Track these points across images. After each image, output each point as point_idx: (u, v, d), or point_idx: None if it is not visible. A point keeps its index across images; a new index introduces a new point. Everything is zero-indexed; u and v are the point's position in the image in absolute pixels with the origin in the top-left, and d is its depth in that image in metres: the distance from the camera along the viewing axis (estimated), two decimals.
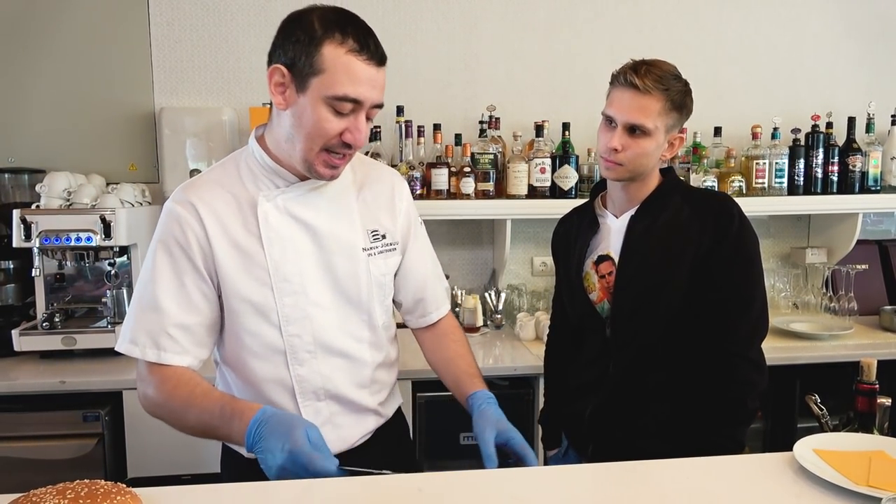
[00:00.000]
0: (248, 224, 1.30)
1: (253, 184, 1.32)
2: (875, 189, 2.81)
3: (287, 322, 1.31)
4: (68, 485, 1.00)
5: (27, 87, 2.69)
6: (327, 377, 1.36)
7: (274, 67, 1.22)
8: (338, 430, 1.39)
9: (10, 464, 2.07)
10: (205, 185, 1.33)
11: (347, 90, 1.19)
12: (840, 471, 1.12)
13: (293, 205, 1.32)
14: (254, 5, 2.75)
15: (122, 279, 2.46)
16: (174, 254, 1.28)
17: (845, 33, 3.05)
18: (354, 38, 1.20)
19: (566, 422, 1.76)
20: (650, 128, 1.50)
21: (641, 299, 1.55)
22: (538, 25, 2.89)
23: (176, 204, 1.30)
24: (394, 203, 1.45)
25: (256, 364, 1.34)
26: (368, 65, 1.21)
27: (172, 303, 1.28)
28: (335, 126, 1.22)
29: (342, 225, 1.36)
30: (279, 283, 1.30)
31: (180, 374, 1.29)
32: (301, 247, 1.32)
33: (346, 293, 1.37)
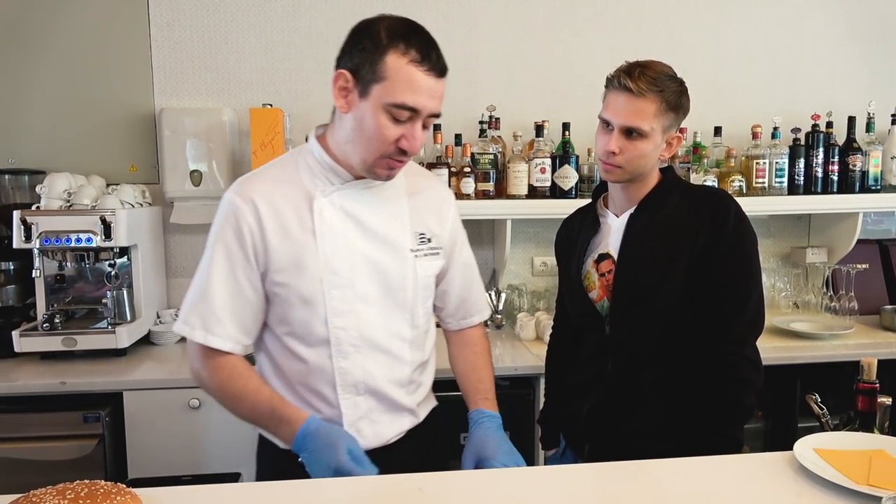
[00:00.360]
0: (303, 218, 1.35)
1: (310, 180, 1.38)
2: (875, 188, 2.81)
3: (334, 314, 1.36)
4: (68, 485, 1.00)
5: (27, 88, 2.69)
6: (368, 372, 1.40)
7: (339, 72, 1.28)
8: (374, 426, 1.43)
9: (11, 465, 2.07)
10: (264, 179, 1.39)
11: (406, 98, 1.24)
12: (840, 470, 1.12)
13: (348, 202, 1.37)
14: (253, 6, 2.75)
15: (123, 280, 2.46)
16: (229, 244, 1.34)
17: (845, 33, 3.05)
18: (417, 49, 1.25)
19: (563, 422, 1.76)
20: (646, 130, 1.50)
21: (640, 297, 1.56)
22: (538, 25, 2.89)
23: (235, 196, 1.36)
24: (441, 210, 1.51)
25: (301, 354, 1.39)
26: (428, 75, 1.26)
27: (223, 291, 1.35)
28: (392, 132, 1.27)
29: (392, 225, 1.42)
30: (328, 276, 1.35)
31: (233, 365, 1.37)
32: (352, 243, 1.37)
33: (393, 291, 1.41)
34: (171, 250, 2.79)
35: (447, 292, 1.56)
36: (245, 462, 2.17)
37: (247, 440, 2.14)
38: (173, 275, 2.80)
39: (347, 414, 1.39)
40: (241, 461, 2.17)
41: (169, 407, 2.16)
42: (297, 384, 1.41)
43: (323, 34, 2.78)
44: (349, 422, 1.39)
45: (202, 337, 1.35)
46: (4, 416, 2.10)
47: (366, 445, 1.38)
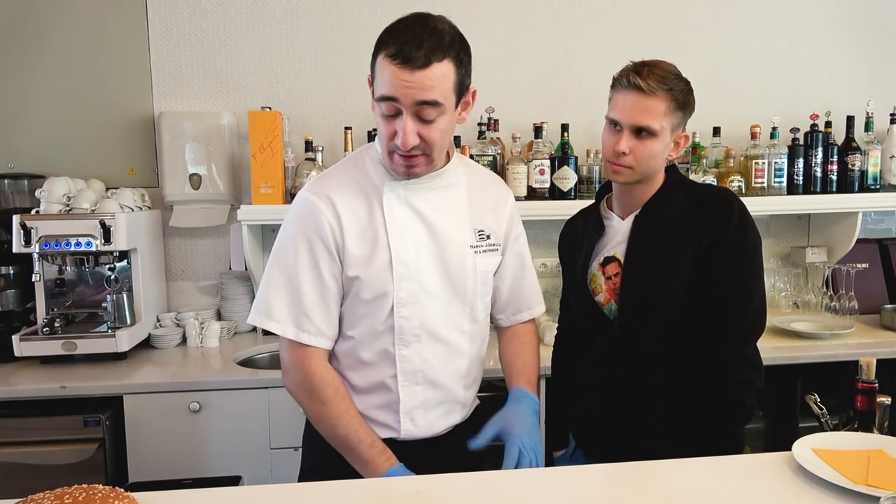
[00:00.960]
0: (374, 212, 1.41)
1: (377, 174, 1.44)
2: (875, 188, 2.81)
3: (400, 304, 1.40)
4: (66, 490, 1.00)
5: (27, 92, 2.70)
6: (428, 362, 1.45)
7: (369, 76, 1.36)
8: (427, 417, 1.47)
9: (12, 469, 2.07)
10: (337, 177, 1.45)
11: (382, 91, 1.29)
12: (839, 470, 1.12)
13: (413, 196, 1.42)
14: (252, 10, 2.75)
15: (123, 284, 2.47)
16: (312, 241, 1.39)
17: (844, 33, 3.05)
18: (395, 44, 1.28)
19: (574, 422, 1.76)
20: (657, 129, 1.49)
21: (648, 299, 1.55)
22: (536, 26, 2.89)
23: (312, 195, 1.41)
24: (499, 208, 1.56)
25: (365, 342, 1.43)
26: (402, 68, 1.27)
27: (311, 287, 1.39)
28: (387, 129, 1.33)
29: (453, 221, 1.46)
30: (398, 268, 1.39)
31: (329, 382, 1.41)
32: (418, 236, 1.42)
33: (454, 285, 1.45)
34: (171, 254, 2.80)
35: (499, 288, 1.60)
36: (245, 466, 2.17)
37: (247, 444, 2.16)
38: (173, 278, 2.80)
39: (405, 401, 1.44)
40: (242, 464, 2.17)
41: (169, 410, 2.16)
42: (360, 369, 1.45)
43: (321, 37, 2.78)
44: (405, 409, 1.44)
45: (294, 334, 1.39)
46: (5, 420, 2.10)
47: (417, 435, 1.45)
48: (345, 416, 1.39)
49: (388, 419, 1.45)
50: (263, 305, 1.42)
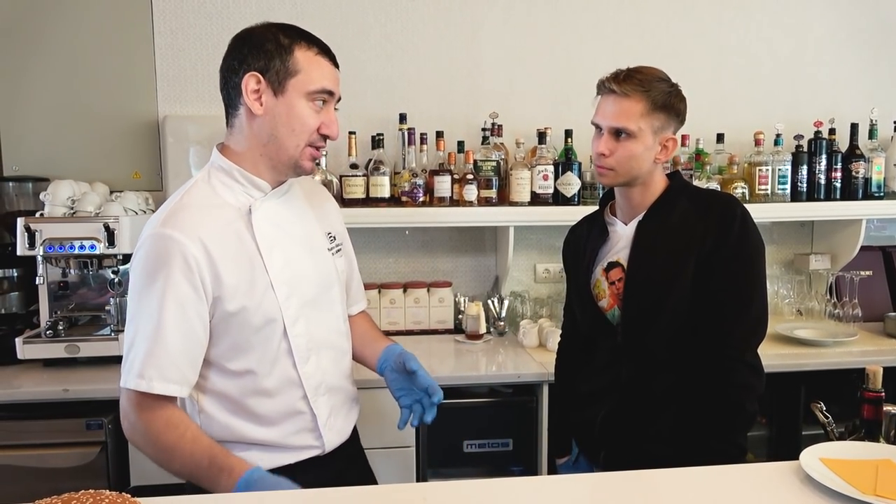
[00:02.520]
0: (242, 236, 1.35)
1: (233, 197, 1.38)
2: (878, 195, 2.81)
3: (292, 324, 1.38)
4: (73, 495, 1.00)
5: (31, 95, 2.70)
6: (325, 371, 1.45)
7: (249, 76, 1.32)
8: (338, 422, 1.49)
9: (13, 472, 2.07)
10: (194, 210, 1.32)
11: (324, 84, 1.34)
12: (847, 480, 1.12)
13: (272, 212, 1.40)
14: (256, 15, 2.75)
15: (126, 287, 2.46)
16: (177, 284, 1.27)
17: (848, 40, 3.06)
18: (316, 44, 1.37)
19: (577, 429, 1.76)
20: (633, 129, 1.52)
21: (651, 304, 1.55)
22: (540, 32, 2.89)
23: (174, 232, 1.28)
24: (332, 208, 1.61)
25: (262, 371, 1.37)
26: (331, 64, 1.38)
27: (177, 335, 1.27)
28: (314, 120, 1.34)
29: (310, 229, 1.49)
30: (280, 288, 1.36)
31: (168, 415, 1.29)
32: (289, 251, 1.40)
33: (327, 290, 1.47)
34: None
35: None
36: None
37: None
38: None
39: (321, 415, 1.43)
40: None
41: None
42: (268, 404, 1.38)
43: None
44: (323, 422, 1.44)
45: (162, 388, 1.26)
46: (7, 423, 2.10)
47: (337, 442, 1.47)
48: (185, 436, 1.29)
49: (309, 438, 1.43)
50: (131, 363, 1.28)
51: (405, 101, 2.76)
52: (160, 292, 1.26)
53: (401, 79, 2.81)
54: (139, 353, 1.27)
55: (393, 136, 2.71)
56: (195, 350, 1.31)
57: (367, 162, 2.60)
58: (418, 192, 2.57)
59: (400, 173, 2.62)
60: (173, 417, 1.30)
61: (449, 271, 2.93)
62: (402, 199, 2.59)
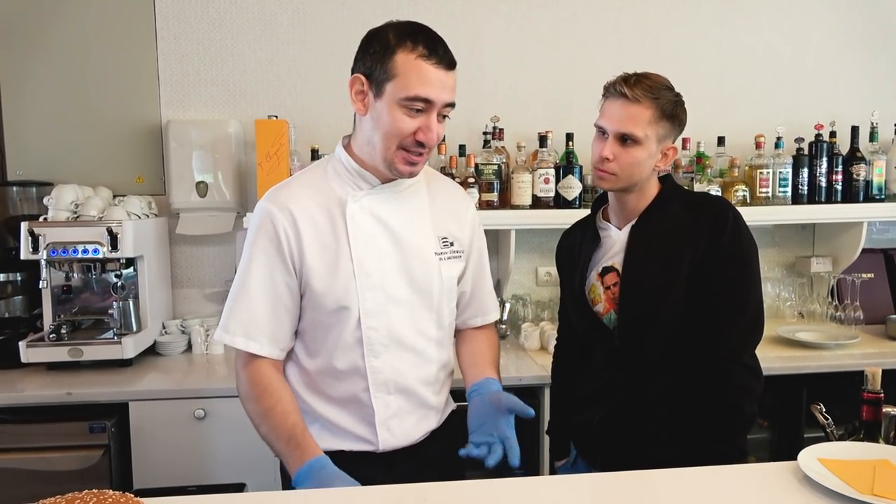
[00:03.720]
0: (336, 223, 1.40)
1: (340, 186, 1.43)
2: (879, 197, 2.81)
3: (367, 315, 1.40)
4: (77, 495, 1.01)
5: (35, 100, 2.72)
6: (398, 370, 1.44)
7: (354, 77, 1.36)
8: (403, 425, 1.47)
9: (17, 475, 2.08)
10: (297, 187, 1.44)
11: (418, 91, 1.30)
12: (845, 480, 1.12)
13: (377, 206, 1.42)
14: (259, 20, 2.78)
15: (129, 291, 2.48)
16: (267, 250, 1.39)
17: (848, 43, 3.06)
18: (424, 45, 1.31)
19: (575, 431, 1.76)
20: (640, 136, 1.52)
21: (647, 308, 1.56)
22: (542, 37, 2.90)
23: (270, 204, 1.40)
24: (461, 216, 1.56)
25: (335, 354, 1.42)
26: (437, 68, 1.32)
27: (263, 297, 1.39)
28: (409, 125, 1.33)
29: (418, 229, 1.47)
30: (362, 278, 1.39)
31: (269, 381, 1.40)
32: (382, 246, 1.42)
33: (420, 292, 1.45)
34: (177, 261, 2.81)
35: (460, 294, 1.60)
36: (250, 473, 2.17)
37: (252, 451, 2.15)
38: (179, 285, 2.81)
39: (379, 413, 1.43)
40: (246, 472, 2.17)
41: (174, 417, 2.16)
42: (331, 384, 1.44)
43: (328, 47, 2.80)
44: (381, 420, 1.43)
45: (243, 343, 1.39)
46: (10, 426, 2.11)
47: (395, 444, 1.45)
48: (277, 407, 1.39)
49: (365, 432, 1.44)
50: (223, 318, 1.42)
51: None
52: (252, 258, 1.39)
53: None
54: (229, 308, 1.41)
55: None
56: (281, 315, 1.41)
57: None
58: None
59: None
60: (272, 384, 1.40)
61: None
62: None
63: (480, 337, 1.64)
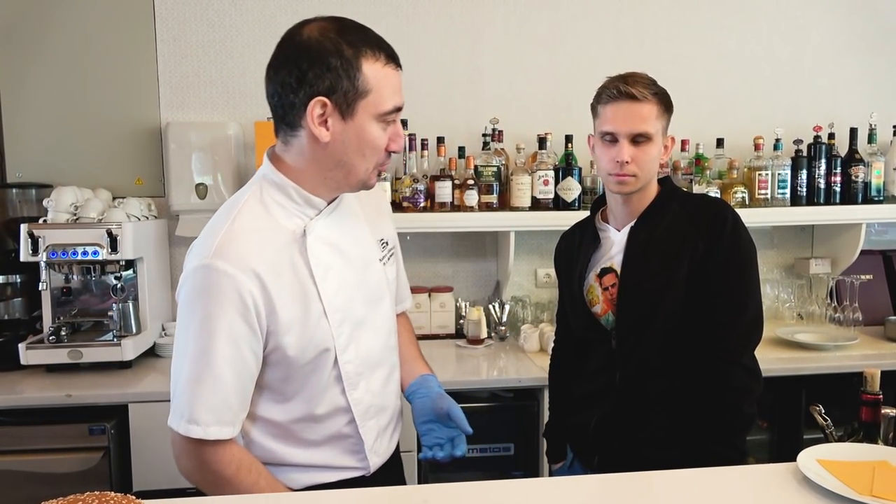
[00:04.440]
0: (295, 263, 1.24)
1: (287, 219, 1.26)
2: (878, 199, 2.82)
3: (342, 351, 1.29)
4: (79, 496, 1.01)
5: (34, 102, 2.72)
6: (375, 393, 1.37)
7: (315, 101, 1.17)
8: (383, 442, 1.42)
9: (16, 477, 2.07)
10: (249, 238, 1.21)
11: (396, 101, 1.24)
12: (844, 481, 1.12)
13: (326, 231, 1.29)
14: (259, 22, 2.78)
15: (128, 293, 2.48)
16: (231, 322, 1.17)
17: (847, 45, 3.07)
18: (380, 49, 1.22)
19: (571, 434, 1.76)
20: (653, 133, 1.53)
21: (645, 309, 1.56)
22: (541, 39, 2.91)
23: (229, 266, 1.17)
24: (382, 210, 1.51)
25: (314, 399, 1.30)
26: (398, 70, 1.25)
27: (231, 376, 1.19)
28: (384, 140, 1.24)
29: (362, 242, 1.38)
30: (333, 315, 1.27)
31: (239, 457, 1.24)
32: (341, 272, 1.30)
33: (376, 305, 1.38)
34: (177, 263, 2.80)
35: None
36: None
37: None
38: None
39: (367, 440, 1.36)
40: None
41: None
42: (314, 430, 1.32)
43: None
44: (369, 446, 1.36)
45: (217, 432, 1.19)
46: (10, 428, 2.11)
47: (380, 463, 1.39)
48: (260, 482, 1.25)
49: (353, 461, 1.36)
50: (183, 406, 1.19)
51: (406, 107, 2.73)
52: (212, 330, 1.17)
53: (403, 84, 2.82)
54: (191, 395, 1.18)
55: None
56: (248, 387, 1.24)
57: None
58: (419, 198, 2.58)
59: (401, 179, 2.64)
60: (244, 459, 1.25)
61: (450, 276, 2.94)
62: (404, 205, 2.60)
63: (400, 328, 1.53)
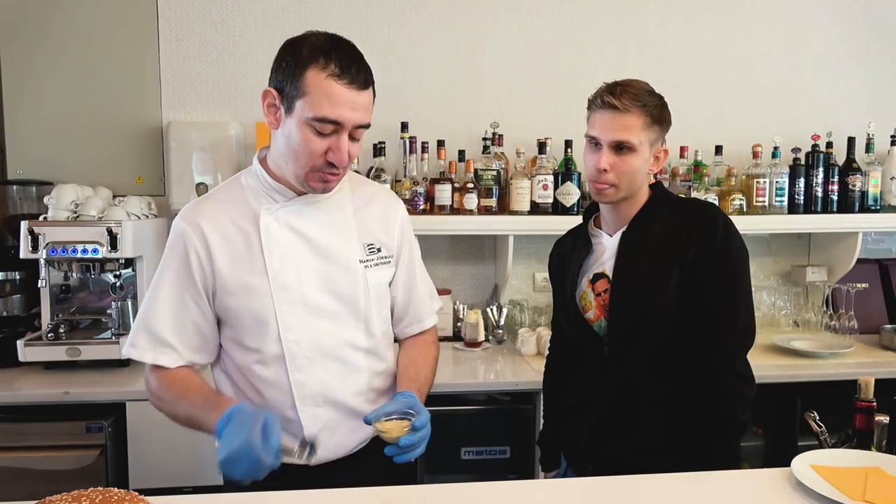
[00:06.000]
0: (250, 238, 1.39)
1: (255, 200, 1.41)
2: (875, 208, 2.83)
3: (286, 329, 1.38)
4: (83, 492, 1.02)
5: (36, 99, 2.73)
6: (325, 383, 1.42)
7: (266, 90, 1.32)
8: (335, 437, 1.44)
9: (13, 474, 2.08)
10: (211, 203, 1.43)
11: (327, 112, 1.26)
12: (837, 486, 1.14)
13: (292, 218, 1.40)
14: (261, 22, 2.79)
15: (128, 291, 2.48)
16: (177, 269, 1.39)
17: (846, 55, 3.09)
18: (336, 63, 1.26)
19: (564, 441, 1.76)
20: (635, 143, 1.52)
21: (637, 314, 1.56)
22: (541, 44, 2.92)
23: (182, 221, 1.40)
24: (388, 220, 1.53)
25: (258, 371, 1.41)
26: (349, 88, 1.27)
27: (170, 313, 1.39)
28: (319, 146, 1.29)
29: (339, 238, 1.44)
30: (278, 292, 1.37)
31: (176, 373, 1.41)
32: (300, 257, 1.40)
33: (345, 302, 1.43)
34: None
35: (392, 300, 1.56)
36: None
37: None
38: None
39: (308, 426, 1.40)
40: None
41: None
42: (257, 400, 1.41)
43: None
44: (310, 434, 1.40)
45: (151, 358, 1.39)
46: (7, 425, 2.11)
47: (327, 457, 1.42)
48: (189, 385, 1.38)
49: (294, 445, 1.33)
50: (131, 332, 1.42)
51: (407, 110, 2.79)
52: (161, 273, 1.40)
53: (403, 88, 2.84)
54: (136, 324, 1.42)
55: (394, 144, 2.74)
56: (188, 329, 1.40)
57: (369, 170, 2.62)
58: (419, 200, 2.59)
59: (401, 181, 2.65)
60: (180, 374, 1.40)
61: (448, 279, 2.95)
62: None
63: (410, 348, 1.59)
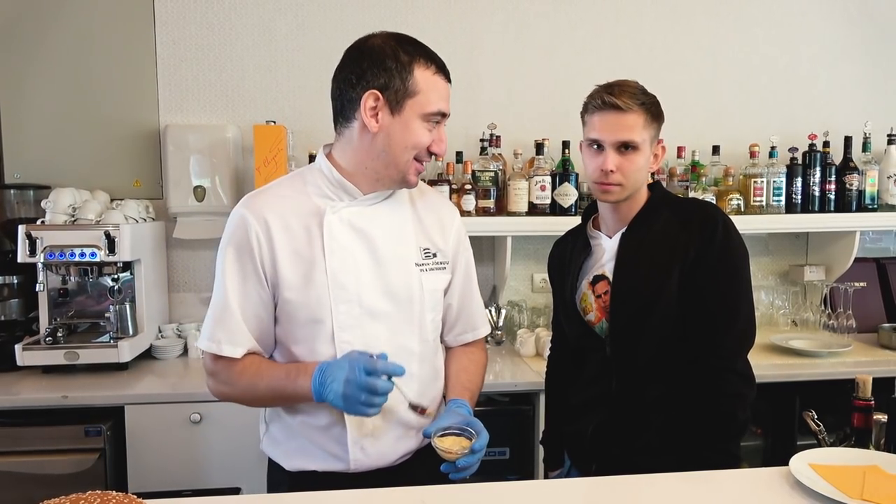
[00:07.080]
0: (312, 234, 1.38)
1: (319, 197, 1.41)
2: (872, 207, 2.84)
3: (341, 329, 1.37)
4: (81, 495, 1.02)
5: (33, 103, 2.72)
6: None
7: (368, 93, 1.33)
8: (377, 445, 1.41)
9: (11, 478, 2.07)
10: (273, 195, 1.42)
11: (441, 106, 1.37)
12: (835, 485, 1.14)
13: (356, 218, 1.41)
14: (258, 25, 2.79)
15: (125, 294, 2.48)
16: (241, 258, 1.37)
17: (842, 54, 3.09)
18: (432, 60, 1.37)
19: (568, 441, 1.76)
20: (639, 142, 1.53)
21: (638, 315, 1.56)
22: (539, 45, 2.93)
23: (245, 210, 1.39)
24: (445, 226, 1.54)
25: None
26: (446, 82, 1.39)
27: (239, 302, 1.38)
28: (427, 139, 1.37)
29: (398, 240, 1.45)
30: (336, 291, 1.37)
31: (244, 361, 1.40)
32: (359, 258, 1.39)
33: (400, 304, 1.42)
34: (174, 265, 2.81)
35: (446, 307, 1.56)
36: (245, 477, 2.18)
37: (247, 455, 2.16)
38: (176, 290, 2.82)
39: (352, 431, 1.38)
40: (242, 476, 2.18)
41: (170, 421, 2.16)
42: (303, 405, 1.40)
43: (325, 54, 2.81)
44: (353, 439, 1.38)
45: (230, 351, 1.37)
46: (6, 429, 2.11)
47: (369, 465, 1.39)
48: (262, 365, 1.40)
49: (336, 449, 1.39)
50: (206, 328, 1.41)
51: None
52: (225, 265, 1.38)
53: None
54: (210, 318, 1.40)
55: None
56: (254, 320, 1.39)
57: None
58: None
59: None
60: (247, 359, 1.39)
61: None
62: None
63: (461, 356, 1.59)
